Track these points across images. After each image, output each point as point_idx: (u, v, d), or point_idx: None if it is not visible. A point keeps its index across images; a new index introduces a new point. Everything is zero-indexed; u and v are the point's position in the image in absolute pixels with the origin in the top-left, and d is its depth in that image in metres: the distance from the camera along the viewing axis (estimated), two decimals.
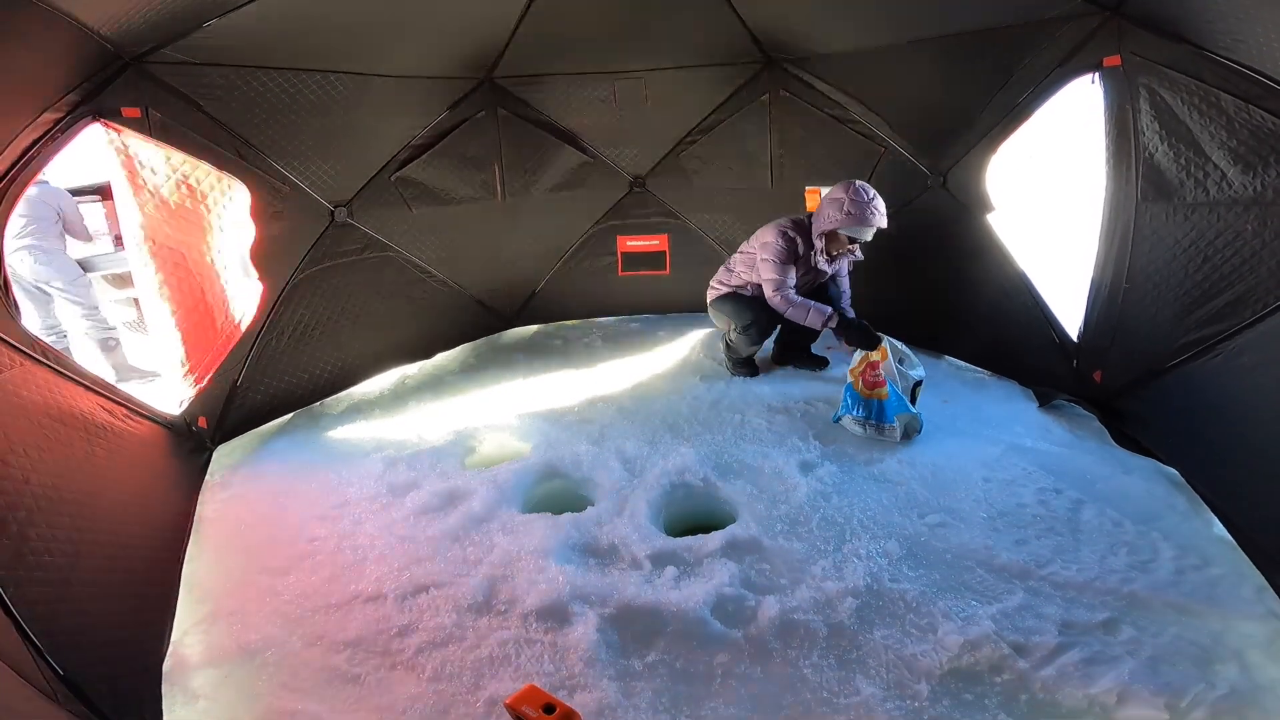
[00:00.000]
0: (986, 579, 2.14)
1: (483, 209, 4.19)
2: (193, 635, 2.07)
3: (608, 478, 2.79)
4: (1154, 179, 2.58)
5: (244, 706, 1.83)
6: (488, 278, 4.38)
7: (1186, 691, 1.70)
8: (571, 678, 1.86)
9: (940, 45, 3.25)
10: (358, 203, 3.60)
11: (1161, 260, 2.61)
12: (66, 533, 1.78)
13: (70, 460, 1.98)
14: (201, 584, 2.28)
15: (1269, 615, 1.93)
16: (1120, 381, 2.92)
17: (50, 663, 1.45)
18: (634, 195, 4.50)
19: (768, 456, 2.86)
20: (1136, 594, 2.04)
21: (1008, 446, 2.85)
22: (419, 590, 2.19)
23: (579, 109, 4.18)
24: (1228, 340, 2.35)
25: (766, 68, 4.00)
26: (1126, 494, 2.51)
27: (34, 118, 2.17)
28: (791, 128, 4.07)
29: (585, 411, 3.37)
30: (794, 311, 3.36)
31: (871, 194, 3.23)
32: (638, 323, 4.71)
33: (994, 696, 1.76)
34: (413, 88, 3.62)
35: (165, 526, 2.34)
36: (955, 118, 3.40)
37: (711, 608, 2.06)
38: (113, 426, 2.32)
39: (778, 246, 3.39)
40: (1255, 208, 2.22)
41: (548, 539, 2.39)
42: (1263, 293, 2.22)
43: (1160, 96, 2.47)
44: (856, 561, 2.23)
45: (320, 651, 2.00)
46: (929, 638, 1.93)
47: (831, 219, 3.27)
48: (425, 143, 3.84)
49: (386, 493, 2.77)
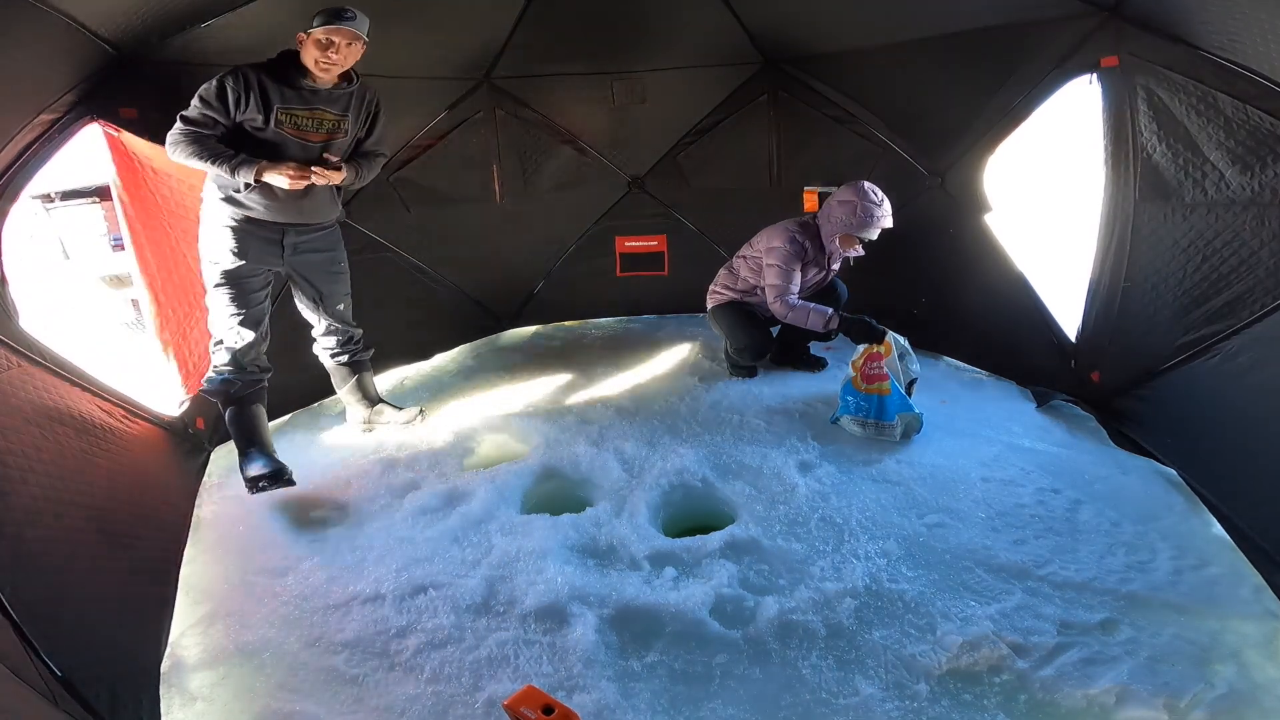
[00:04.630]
0: (985, 579, 2.14)
1: (481, 209, 4.19)
2: (190, 636, 2.06)
3: (606, 479, 2.79)
4: (1152, 179, 2.58)
5: (242, 707, 1.83)
6: (486, 278, 4.38)
7: (1185, 691, 1.70)
8: (570, 678, 1.86)
9: (938, 46, 3.26)
10: (356, 203, 3.60)
11: (1159, 260, 2.61)
12: (64, 534, 1.77)
13: (68, 461, 1.97)
14: (199, 585, 2.28)
15: (1267, 615, 1.93)
16: (1118, 382, 2.93)
17: (48, 664, 1.45)
18: (632, 196, 4.50)
19: (766, 457, 2.86)
20: (1135, 594, 2.04)
21: (1006, 447, 2.86)
22: (417, 591, 2.19)
23: (577, 109, 4.18)
24: (1226, 340, 2.36)
25: (764, 68, 4.00)
26: (1124, 494, 2.51)
27: (32, 118, 2.17)
28: (790, 128, 4.08)
29: (584, 412, 3.36)
30: (794, 316, 3.36)
31: (880, 196, 3.26)
32: (636, 323, 4.71)
33: (993, 697, 1.76)
34: (411, 88, 3.62)
35: (163, 527, 2.34)
36: (953, 118, 3.41)
37: (710, 608, 2.06)
38: (110, 427, 2.32)
39: (785, 252, 3.38)
40: (1253, 208, 2.23)
41: (546, 540, 2.39)
42: (1260, 293, 2.22)
43: (1158, 97, 2.48)
44: (855, 562, 2.23)
45: (318, 652, 2.00)
46: (928, 638, 1.93)
47: (843, 222, 3.28)
48: (424, 143, 3.84)
49: (385, 493, 2.76)
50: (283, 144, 2.60)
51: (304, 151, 2.64)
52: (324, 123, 2.66)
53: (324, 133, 2.67)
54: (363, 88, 2.76)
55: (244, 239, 2.66)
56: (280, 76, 2.55)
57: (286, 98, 2.55)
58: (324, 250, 2.92)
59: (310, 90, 2.59)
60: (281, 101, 2.54)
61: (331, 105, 2.66)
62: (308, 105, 2.60)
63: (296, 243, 2.80)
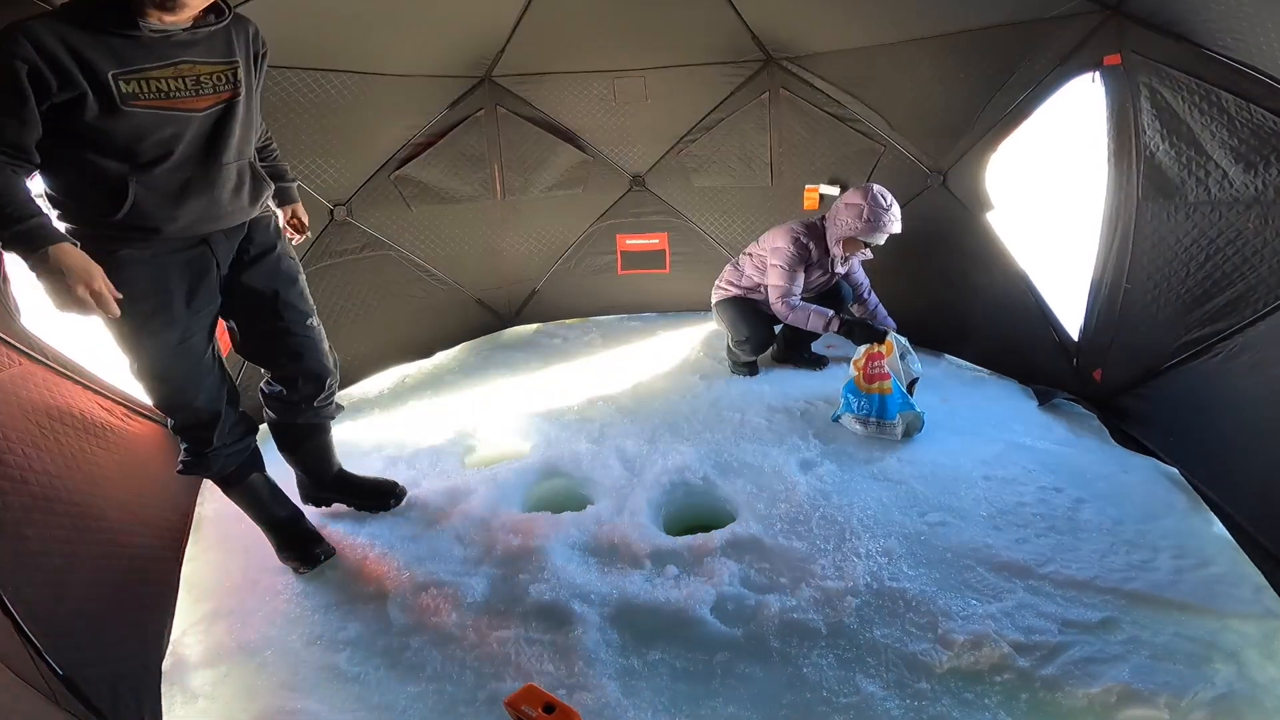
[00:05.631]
0: (986, 577, 2.14)
1: (482, 208, 4.19)
2: (192, 634, 2.06)
3: (608, 477, 2.79)
4: (1155, 178, 2.58)
5: (243, 705, 1.83)
6: (487, 276, 4.38)
7: (1186, 690, 1.70)
8: (571, 676, 1.86)
9: (940, 44, 3.25)
10: (357, 201, 3.60)
11: (1162, 259, 2.61)
12: (65, 532, 1.77)
13: (68, 459, 1.97)
14: (201, 583, 2.28)
15: (1267, 614, 1.93)
16: (1120, 380, 2.92)
17: (49, 662, 1.45)
18: (634, 194, 4.49)
19: (768, 455, 2.86)
20: (1136, 593, 2.04)
21: (1008, 445, 2.85)
22: (419, 589, 2.19)
23: (578, 107, 4.17)
24: (1228, 339, 2.36)
25: (766, 66, 3.99)
26: (1126, 493, 2.51)
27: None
28: (791, 126, 4.07)
29: (585, 410, 3.36)
30: (795, 316, 3.36)
31: (889, 200, 3.24)
32: (637, 321, 4.71)
33: (994, 695, 1.76)
34: (412, 86, 3.62)
35: (164, 525, 2.34)
36: (955, 116, 3.40)
37: (712, 607, 2.06)
38: (111, 425, 2.32)
39: (789, 254, 3.38)
40: (1256, 206, 2.22)
41: (547, 538, 2.39)
42: (1264, 291, 2.22)
43: (1161, 95, 2.47)
44: (856, 560, 2.23)
45: (320, 650, 2.00)
46: (929, 636, 1.93)
47: (851, 226, 3.26)
48: (424, 141, 3.84)
49: None
50: (145, 131, 1.67)
51: (188, 133, 1.74)
52: (205, 80, 1.73)
53: (210, 95, 1.75)
54: (240, 20, 1.85)
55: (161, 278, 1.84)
56: (96, 25, 1.57)
57: (124, 55, 1.60)
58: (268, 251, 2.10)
59: (157, 35, 1.63)
60: (118, 63, 1.59)
61: (206, 51, 1.73)
62: (166, 59, 1.66)
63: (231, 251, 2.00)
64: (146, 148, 1.69)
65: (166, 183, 1.75)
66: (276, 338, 2.15)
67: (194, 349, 1.96)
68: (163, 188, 1.75)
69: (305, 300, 2.21)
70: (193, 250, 1.89)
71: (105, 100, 1.59)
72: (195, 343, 1.96)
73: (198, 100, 1.73)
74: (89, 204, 1.72)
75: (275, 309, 2.11)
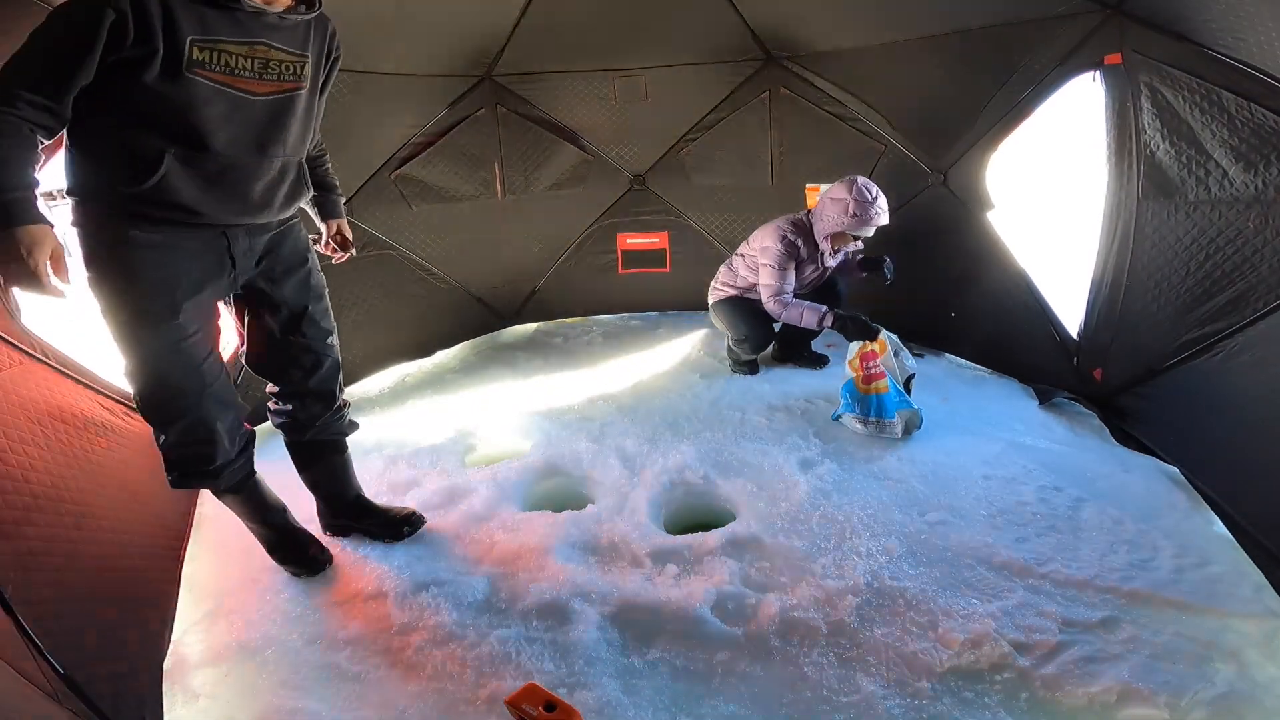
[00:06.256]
0: (987, 577, 2.14)
1: (483, 207, 4.19)
2: (193, 634, 2.06)
3: (608, 475, 2.79)
4: (1155, 177, 2.58)
5: (244, 704, 1.83)
6: (488, 275, 4.38)
7: (1186, 690, 1.70)
8: (572, 675, 1.86)
9: (941, 43, 3.25)
10: (357, 200, 3.60)
11: (1162, 258, 2.61)
12: (66, 531, 1.77)
13: (69, 458, 1.97)
14: (201, 582, 2.28)
15: (1268, 614, 1.93)
16: (1120, 379, 2.92)
17: (50, 661, 1.45)
18: (634, 193, 4.49)
19: (768, 454, 2.86)
20: (1136, 592, 2.04)
21: (1008, 444, 2.85)
22: (419, 588, 2.19)
23: (579, 106, 4.17)
24: (1228, 338, 2.36)
25: (767, 65, 3.99)
26: (1127, 492, 2.51)
27: None
28: (792, 125, 4.07)
29: (585, 409, 3.36)
30: (789, 314, 3.36)
31: (874, 192, 3.22)
32: (638, 320, 4.71)
33: (994, 694, 1.76)
34: (412, 85, 3.62)
35: (165, 525, 2.34)
36: (956, 115, 3.40)
37: (712, 605, 2.06)
38: (112, 425, 2.32)
39: (777, 252, 3.37)
40: (1256, 206, 2.22)
41: (548, 537, 2.39)
42: (1264, 290, 2.22)
43: (1161, 94, 2.47)
44: (857, 559, 2.23)
45: (321, 649, 2.00)
46: (929, 635, 1.93)
47: (837, 222, 3.26)
48: (425, 140, 3.84)
49: (387, 490, 2.76)
50: (200, 103, 1.61)
51: (240, 116, 1.68)
52: (273, 65, 1.70)
53: (273, 81, 1.71)
54: (324, 17, 1.84)
55: (170, 265, 1.73)
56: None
57: (209, 23, 1.57)
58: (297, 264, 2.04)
59: (252, 11, 1.62)
60: (201, 30, 1.56)
61: (285, 39, 1.71)
62: (247, 36, 1.63)
63: (250, 250, 1.91)
64: (193, 122, 1.61)
65: (204, 163, 1.68)
66: (295, 352, 2.09)
67: (194, 351, 1.85)
68: (199, 167, 1.67)
69: (329, 318, 2.18)
70: (208, 240, 1.79)
71: (172, 63, 1.54)
72: (196, 343, 1.85)
73: (259, 85, 1.68)
74: (114, 170, 1.63)
75: (299, 324, 2.07)
